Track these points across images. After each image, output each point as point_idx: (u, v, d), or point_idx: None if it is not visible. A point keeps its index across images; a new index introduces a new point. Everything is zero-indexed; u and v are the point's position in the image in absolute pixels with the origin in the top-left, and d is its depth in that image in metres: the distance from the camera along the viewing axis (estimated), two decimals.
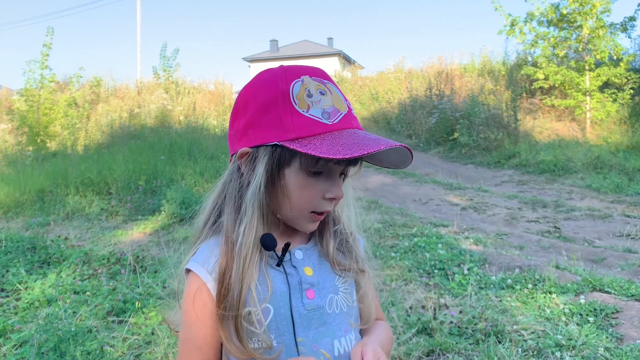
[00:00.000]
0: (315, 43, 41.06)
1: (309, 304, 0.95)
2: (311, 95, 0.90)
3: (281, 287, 0.94)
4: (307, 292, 0.96)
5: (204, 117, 14.40)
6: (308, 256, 1.00)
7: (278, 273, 0.95)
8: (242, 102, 0.96)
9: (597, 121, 12.48)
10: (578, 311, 3.01)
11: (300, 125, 0.88)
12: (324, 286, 0.98)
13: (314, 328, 0.95)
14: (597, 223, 5.62)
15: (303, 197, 0.92)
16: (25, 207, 6.74)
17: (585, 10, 12.63)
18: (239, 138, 0.95)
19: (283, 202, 0.93)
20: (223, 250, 0.93)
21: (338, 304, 0.99)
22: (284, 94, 0.90)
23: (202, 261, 0.96)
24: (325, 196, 0.93)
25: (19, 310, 3.31)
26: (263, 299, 0.92)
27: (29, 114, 12.34)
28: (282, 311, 0.93)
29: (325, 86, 0.93)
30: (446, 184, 8.24)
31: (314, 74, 0.94)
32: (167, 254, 4.21)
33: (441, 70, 16.28)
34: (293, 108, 0.89)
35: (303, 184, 0.92)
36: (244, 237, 0.91)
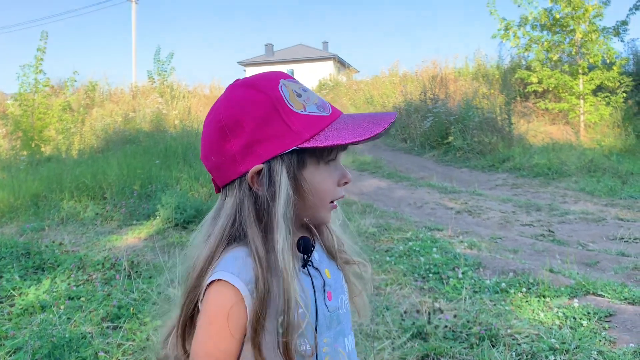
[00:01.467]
0: (310, 47, 41.12)
1: (330, 306, 0.98)
2: (299, 94, 0.92)
3: (308, 289, 0.94)
4: (327, 294, 0.98)
5: (199, 122, 14.38)
6: (322, 257, 1.02)
7: (303, 276, 0.94)
8: (231, 123, 0.90)
9: (591, 124, 12.56)
10: (572, 315, 3.03)
11: (307, 124, 0.89)
12: (336, 287, 1.01)
13: (333, 328, 0.98)
14: (590, 226, 5.65)
15: (326, 189, 0.95)
16: (19, 212, 6.71)
17: (578, 14, 12.73)
18: (240, 161, 0.90)
19: (311, 202, 0.93)
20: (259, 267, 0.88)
21: (345, 303, 1.02)
22: (278, 100, 0.89)
23: (236, 271, 0.88)
24: (340, 182, 0.97)
25: (13, 316, 3.29)
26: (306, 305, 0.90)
27: (23, 119, 12.31)
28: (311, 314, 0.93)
29: (300, 84, 0.96)
30: (441, 188, 8.26)
31: (284, 76, 0.96)
32: (162, 259, 4.21)
33: (435, 74, 16.34)
34: (292, 111, 0.89)
35: (323, 177, 0.94)
36: (284, 256, 0.87)
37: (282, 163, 0.89)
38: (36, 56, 12.54)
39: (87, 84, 16.88)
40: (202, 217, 4.08)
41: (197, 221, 5.64)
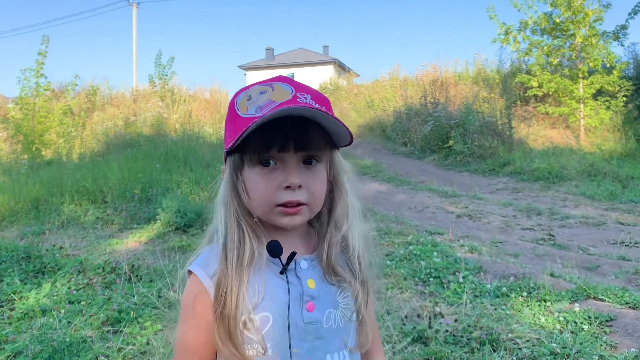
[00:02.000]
0: (311, 51, 41.21)
1: (307, 317, 0.96)
2: (250, 98, 0.95)
3: (282, 296, 0.94)
4: (307, 305, 0.96)
5: (200, 125, 14.41)
6: (312, 267, 0.99)
7: (281, 281, 0.95)
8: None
9: (591, 128, 12.57)
10: (572, 319, 3.02)
11: (239, 127, 0.92)
12: (325, 300, 0.98)
13: (309, 341, 0.95)
14: (591, 230, 5.65)
15: (261, 191, 0.94)
16: (20, 215, 6.71)
17: (578, 19, 12.76)
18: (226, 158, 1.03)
19: (250, 202, 0.96)
20: (221, 257, 0.95)
21: (336, 319, 0.99)
22: (231, 106, 0.97)
23: (203, 264, 0.97)
24: (282, 185, 0.93)
25: (13, 320, 3.29)
26: (260, 307, 0.92)
27: (24, 122, 12.33)
28: (280, 321, 0.94)
29: (271, 86, 0.96)
30: (441, 192, 8.26)
31: (268, 81, 0.98)
32: (162, 263, 4.20)
33: (436, 78, 16.37)
34: (236, 114, 0.95)
35: (256, 178, 0.94)
36: (227, 243, 0.95)
37: (228, 162, 0.99)
38: (37, 60, 12.57)
39: (88, 87, 16.93)
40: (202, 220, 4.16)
41: (197, 225, 5.65)
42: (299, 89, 0.96)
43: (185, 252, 4.74)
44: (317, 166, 0.97)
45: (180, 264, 3.99)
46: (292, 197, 0.94)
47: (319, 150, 0.97)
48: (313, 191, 0.96)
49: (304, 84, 0.99)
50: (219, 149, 11.39)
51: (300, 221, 0.97)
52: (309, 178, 0.95)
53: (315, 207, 0.98)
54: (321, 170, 0.98)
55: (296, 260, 0.97)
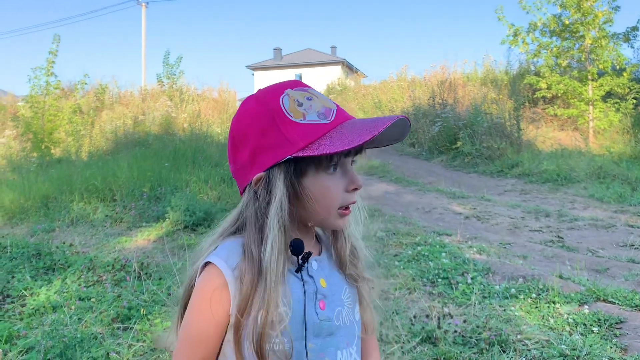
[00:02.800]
0: (319, 51, 41.22)
1: (321, 314, 0.99)
2: (301, 104, 0.94)
3: (298, 293, 0.97)
4: (320, 303, 0.99)
5: (208, 125, 14.45)
6: (322, 268, 1.03)
7: (296, 280, 0.98)
8: (239, 135, 0.98)
9: (600, 131, 12.50)
10: (582, 321, 3.01)
11: (304, 133, 0.92)
12: (333, 299, 1.02)
13: (322, 337, 0.99)
14: (600, 233, 5.62)
15: (329, 197, 0.96)
16: (30, 213, 6.77)
17: (588, 20, 12.69)
18: (248, 169, 0.97)
19: (313, 209, 0.96)
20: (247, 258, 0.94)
21: (343, 318, 1.03)
22: (277, 111, 0.93)
23: (225, 257, 0.95)
24: (348, 189, 0.98)
25: (25, 316, 3.32)
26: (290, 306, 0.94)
27: (33, 121, 12.42)
28: (297, 317, 0.96)
29: (309, 92, 0.98)
30: (449, 193, 8.25)
31: (293, 85, 0.99)
32: (171, 261, 4.23)
33: (444, 79, 16.33)
34: (290, 121, 0.93)
35: (325, 185, 0.95)
36: (271, 255, 0.92)
37: (279, 171, 0.93)
38: (48, 59, 12.66)
39: (97, 86, 17.02)
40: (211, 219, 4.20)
41: (206, 224, 5.68)
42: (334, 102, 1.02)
43: (194, 251, 4.76)
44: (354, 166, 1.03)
45: (190, 262, 4.01)
46: (355, 198, 1.00)
47: (361, 153, 1.02)
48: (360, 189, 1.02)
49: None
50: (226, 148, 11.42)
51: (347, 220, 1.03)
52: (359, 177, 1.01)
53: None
54: None
55: (308, 260, 0.99)
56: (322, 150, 0.89)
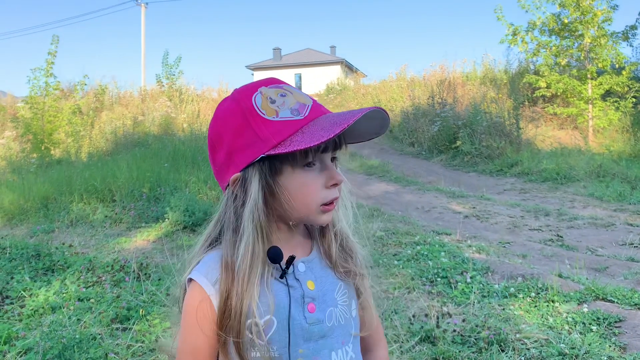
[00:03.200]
0: (318, 51, 41.22)
1: (310, 318, 0.97)
2: (274, 101, 0.93)
3: (283, 299, 0.96)
4: (308, 306, 0.97)
5: (207, 125, 14.45)
6: (310, 269, 1.01)
7: (281, 285, 0.97)
8: (215, 136, 0.98)
9: (600, 129, 12.51)
10: (581, 320, 3.01)
11: (276, 130, 0.90)
12: (324, 300, 1.00)
13: (314, 341, 0.97)
14: (599, 231, 5.62)
15: (308, 194, 0.94)
16: (29, 214, 6.77)
17: (587, 19, 12.69)
18: (226, 170, 0.97)
19: (291, 207, 0.94)
20: (223, 269, 0.95)
21: (337, 317, 1.01)
22: (249, 110, 0.92)
23: (205, 272, 0.97)
24: (327, 185, 0.95)
25: (24, 317, 3.32)
26: (265, 313, 0.94)
27: (33, 122, 12.41)
28: (284, 323, 0.95)
29: (283, 89, 0.96)
30: (449, 192, 8.25)
31: (268, 83, 0.98)
32: (170, 262, 4.23)
33: (443, 79, 16.33)
34: (262, 118, 0.91)
35: (302, 182, 0.93)
36: (243, 257, 0.93)
37: (254, 170, 0.92)
38: (47, 60, 12.65)
39: (97, 87, 17.02)
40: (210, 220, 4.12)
41: (205, 224, 5.66)
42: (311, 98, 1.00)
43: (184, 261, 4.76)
44: (335, 162, 1.00)
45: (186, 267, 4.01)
46: (337, 194, 0.98)
47: (341, 149, 1.00)
48: (342, 186, 1.00)
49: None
50: None
51: (331, 216, 1.00)
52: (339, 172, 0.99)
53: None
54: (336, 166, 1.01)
55: (294, 264, 0.98)
56: (294, 147, 0.87)
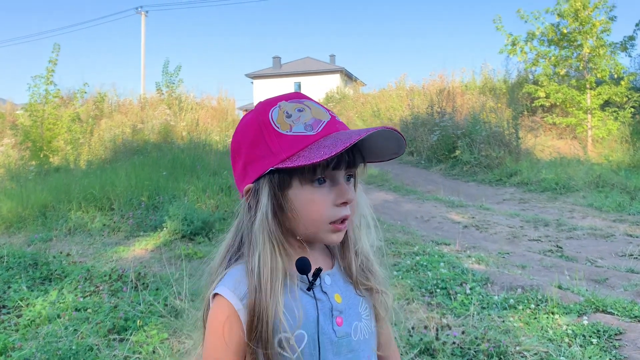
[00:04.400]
0: (318, 60, 41.34)
1: (339, 331, 0.97)
2: (290, 115, 0.93)
3: (312, 312, 0.95)
4: (336, 319, 0.97)
5: (207, 133, 14.46)
6: (335, 282, 1.01)
7: (309, 298, 0.96)
8: (236, 146, 1.00)
9: (599, 139, 12.53)
10: (581, 332, 2.99)
11: (287, 144, 0.91)
12: (350, 313, 0.99)
13: (343, 354, 0.97)
14: (599, 242, 5.61)
15: (314, 211, 0.93)
16: (27, 222, 6.75)
17: (586, 29, 12.76)
18: (242, 180, 0.99)
19: (297, 222, 0.94)
20: (249, 281, 0.94)
21: (362, 331, 1.01)
22: (264, 123, 0.94)
23: (232, 287, 0.95)
24: (337, 202, 0.94)
25: (20, 327, 3.30)
26: (294, 325, 0.92)
27: (32, 129, 12.42)
28: (315, 337, 0.94)
29: (303, 104, 0.96)
30: (448, 202, 8.24)
31: (289, 97, 0.98)
32: (168, 271, 4.21)
33: (443, 88, 16.37)
34: (277, 132, 0.92)
35: (309, 198, 0.93)
36: (260, 267, 0.93)
37: (265, 183, 0.93)
38: (47, 68, 12.68)
39: (96, 95, 17.04)
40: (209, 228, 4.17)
41: (204, 233, 5.65)
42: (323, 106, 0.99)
43: (192, 260, 4.75)
44: (352, 181, 1.00)
45: (187, 272, 3.99)
46: (346, 212, 0.96)
47: (357, 167, 1.00)
48: (354, 205, 0.99)
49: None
50: (225, 156, 11.41)
51: (342, 236, 0.99)
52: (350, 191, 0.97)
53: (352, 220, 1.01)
54: (355, 185, 1.01)
55: (320, 276, 0.97)
56: (299, 162, 0.88)
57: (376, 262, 1.09)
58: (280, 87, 37.89)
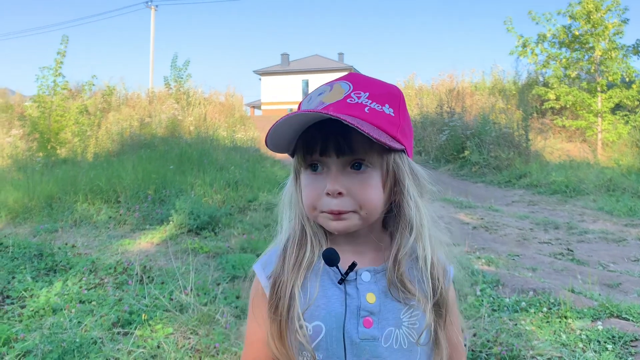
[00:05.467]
0: (326, 58, 41.27)
1: (363, 333, 0.89)
2: (310, 99, 0.92)
3: (338, 307, 0.89)
4: (364, 320, 0.89)
5: (214, 128, 14.43)
6: (375, 281, 0.92)
7: (339, 292, 0.90)
8: None
9: (609, 143, 12.41)
10: (596, 338, 2.92)
11: None
12: (385, 317, 0.90)
13: (364, 358, 0.89)
14: (611, 246, 5.52)
15: (308, 196, 0.91)
16: (33, 212, 6.72)
17: (598, 32, 12.64)
18: None
19: (303, 205, 0.95)
20: (280, 256, 0.95)
21: (398, 339, 0.91)
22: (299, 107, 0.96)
23: (263, 264, 0.98)
24: (324, 191, 0.89)
25: (24, 318, 3.26)
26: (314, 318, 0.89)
27: (40, 121, 12.39)
28: (334, 333, 0.89)
29: (331, 86, 0.92)
30: (456, 202, 8.16)
31: (333, 81, 0.95)
32: (174, 265, 4.16)
33: (452, 88, 16.28)
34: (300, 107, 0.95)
35: (304, 182, 0.93)
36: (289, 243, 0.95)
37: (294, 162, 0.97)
38: (56, 59, 12.64)
39: (105, 88, 17.02)
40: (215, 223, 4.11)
41: (210, 227, 5.61)
42: (358, 86, 0.91)
43: (198, 255, 4.70)
44: (368, 171, 0.89)
45: (193, 266, 3.94)
46: (333, 206, 0.88)
47: (366, 154, 0.89)
48: (361, 197, 0.89)
49: (373, 79, 0.93)
50: (232, 152, 11.38)
51: (348, 226, 0.90)
52: (355, 183, 0.88)
53: (366, 214, 0.90)
54: (372, 175, 0.90)
55: (357, 271, 0.91)
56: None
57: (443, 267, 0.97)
58: (288, 84, 37.84)
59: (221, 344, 2.84)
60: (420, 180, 0.95)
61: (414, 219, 0.91)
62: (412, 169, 0.95)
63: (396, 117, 0.90)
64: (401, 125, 0.91)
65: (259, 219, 5.91)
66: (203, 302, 3.39)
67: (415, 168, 0.95)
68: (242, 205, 6.53)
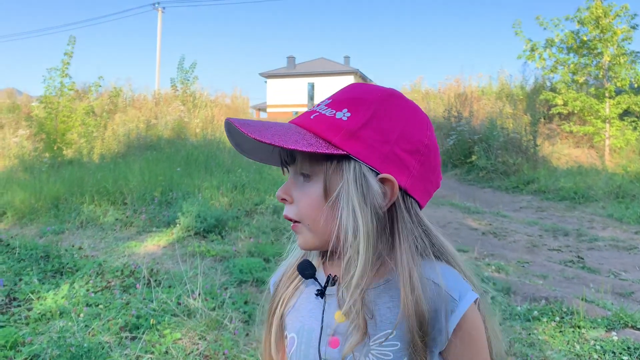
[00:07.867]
0: (332, 61, 41.23)
1: (328, 352, 0.83)
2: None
3: (312, 322, 0.86)
4: (331, 339, 0.83)
5: (221, 131, 14.39)
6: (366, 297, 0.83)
7: (318, 305, 0.86)
8: None
9: (616, 149, 12.31)
10: (610, 348, 2.87)
11: None
12: (352, 340, 0.80)
13: None
14: (622, 254, 5.46)
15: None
16: (40, 213, 6.71)
17: (606, 37, 12.56)
18: None
19: None
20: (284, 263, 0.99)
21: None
22: None
23: (276, 275, 0.99)
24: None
25: (31, 321, 3.23)
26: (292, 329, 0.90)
27: (47, 121, 12.40)
28: (302, 347, 0.86)
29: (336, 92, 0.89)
30: (464, 208, 8.10)
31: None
32: (182, 268, 4.12)
33: (459, 92, 16.22)
34: None
35: None
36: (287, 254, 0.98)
37: None
38: (63, 60, 12.65)
39: (111, 89, 17.04)
40: (222, 226, 4.06)
41: (217, 231, 5.57)
42: (335, 94, 0.87)
43: (205, 259, 4.66)
44: (313, 180, 0.83)
45: (201, 270, 3.91)
46: (285, 211, 0.87)
47: (305, 165, 0.83)
48: (300, 206, 0.84)
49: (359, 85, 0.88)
50: (239, 155, 11.33)
51: (305, 241, 0.85)
52: (298, 192, 0.85)
53: (309, 225, 0.83)
54: (313, 185, 0.82)
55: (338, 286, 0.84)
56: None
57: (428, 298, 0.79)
58: (294, 87, 37.82)
59: (230, 350, 2.80)
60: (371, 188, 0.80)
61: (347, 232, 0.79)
62: (364, 176, 0.79)
63: (349, 121, 0.79)
64: (351, 129, 0.79)
65: (266, 222, 5.87)
66: (211, 307, 3.35)
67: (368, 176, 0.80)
68: (249, 208, 6.49)
